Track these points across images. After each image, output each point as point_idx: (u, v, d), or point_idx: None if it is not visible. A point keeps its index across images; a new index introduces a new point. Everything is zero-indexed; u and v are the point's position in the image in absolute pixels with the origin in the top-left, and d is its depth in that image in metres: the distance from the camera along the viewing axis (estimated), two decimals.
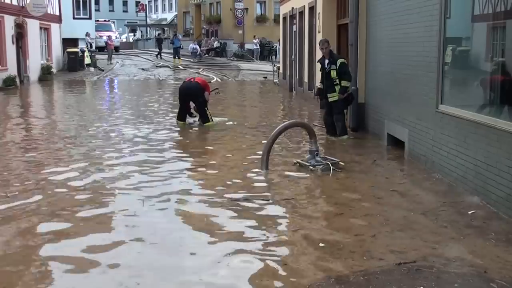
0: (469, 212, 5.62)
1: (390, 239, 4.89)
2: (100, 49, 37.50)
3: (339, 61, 9.84)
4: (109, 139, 10.11)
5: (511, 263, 4.34)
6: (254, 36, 40.16)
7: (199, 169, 7.78)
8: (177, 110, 12.20)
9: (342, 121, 9.98)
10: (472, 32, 7.07)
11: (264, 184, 6.90)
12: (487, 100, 6.50)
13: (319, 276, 4.14)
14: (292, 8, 19.36)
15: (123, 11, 75.02)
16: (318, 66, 10.63)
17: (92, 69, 30.40)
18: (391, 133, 9.13)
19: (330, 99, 9.86)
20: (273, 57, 37.73)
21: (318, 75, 14.27)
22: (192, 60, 36.32)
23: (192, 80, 12.30)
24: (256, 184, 6.84)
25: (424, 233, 5.04)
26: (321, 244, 4.76)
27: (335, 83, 9.78)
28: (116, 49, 39.42)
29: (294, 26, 19.43)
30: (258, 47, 39.79)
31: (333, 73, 9.77)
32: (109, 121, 12.43)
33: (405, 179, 7.24)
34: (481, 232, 5.05)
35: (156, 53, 38.45)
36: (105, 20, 45.82)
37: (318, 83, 10.42)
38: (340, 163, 7.67)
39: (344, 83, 9.77)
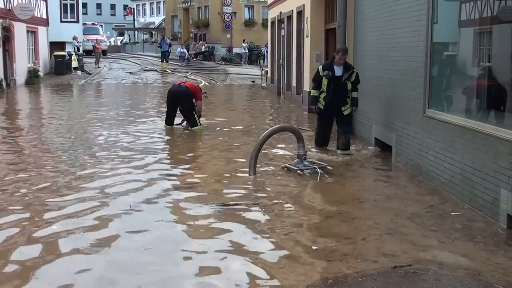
0: (452, 213, 5.70)
1: (380, 242, 4.92)
2: (88, 53, 37.30)
3: (355, 71, 9.13)
4: (95, 146, 9.99)
5: (501, 266, 4.39)
6: (244, 40, 40.19)
7: (186, 174, 7.74)
8: (165, 115, 12.18)
9: (350, 134, 9.36)
10: (459, 37, 7.13)
11: (252, 189, 6.89)
12: (474, 105, 6.56)
13: (316, 278, 4.15)
14: (280, 12, 19.42)
15: (111, 14, 74.87)
16: (309, 72, 9.79)
17: (79, 72, 30.23)
18: (379, 138, 9.17)
19: (345, 112, 9.12)
20: (261, 61, 37.79)
21: (307, 80, 14.32)
22: (180, 64, 36.23)
23: (181, 84, 12.25)
24: (244, 189, 6.81)
25: (413, 236, 5.07)
26: (313, 247, 4.78)
27: (348, 95, 9.11)
28: (104, 52, 39.24)
29: (282, 31, 19.49)
30: (247, 51, 39.83)
31: (349, 85, 9.05)
32: (95, 127, 12.30)
33: (392, 183, 7.28)
34: (469, 236, 5.09)
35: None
36: (92, 24, 45.55)
37: (312, 91, 9.40)
38: (328, 167, 7.68)
39: (355, 94, 9.17)
